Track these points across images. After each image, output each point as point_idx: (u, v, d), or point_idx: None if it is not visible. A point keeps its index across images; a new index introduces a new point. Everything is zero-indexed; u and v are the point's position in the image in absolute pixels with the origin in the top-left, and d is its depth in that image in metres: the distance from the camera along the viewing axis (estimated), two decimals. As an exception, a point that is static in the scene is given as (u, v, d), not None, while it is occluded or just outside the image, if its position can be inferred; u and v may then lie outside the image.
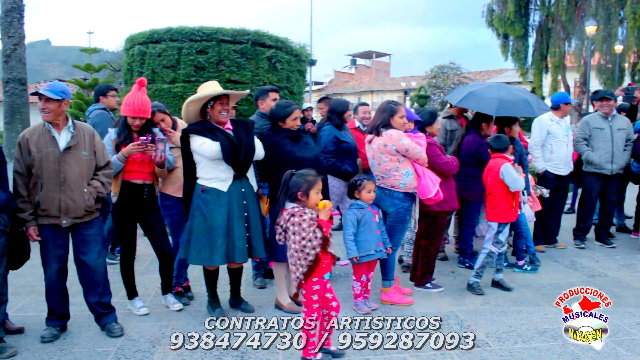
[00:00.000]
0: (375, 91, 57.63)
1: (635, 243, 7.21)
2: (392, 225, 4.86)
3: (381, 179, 4.84)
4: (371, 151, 4.86)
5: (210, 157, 4.34)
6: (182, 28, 8.91)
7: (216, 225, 4.32)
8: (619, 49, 29.36)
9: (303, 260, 3.52)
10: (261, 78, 8.74)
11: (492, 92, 5.96)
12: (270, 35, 9.09)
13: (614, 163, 6.88)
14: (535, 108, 5.99)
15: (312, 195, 3.61)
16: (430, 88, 39.98)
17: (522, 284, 5.54)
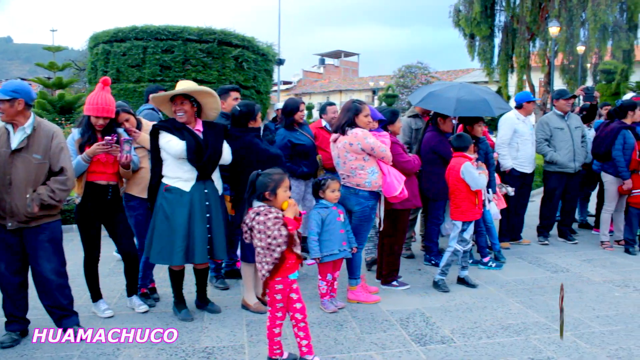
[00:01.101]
0: (343, 90, 57.79)
1: (596, 239, 7.37)
2: (357, 224, 4.89)
3: (346, 178, 4.86)
4: (336, 150, 4.88)
5: (174, 155, 4.32)
6: (147, 27, 8.81)
7: (177, 225, 4.29)
8: (581, 49, 30.04)
9: (269, 258, 3.51)
10: (228, 77, 8.70)
11: (451, 92, 6.02)
12: (237, 35, 9.05)
13: (575, 161, 7.04)
14: (494, 107, 6.05)
15: (281, 194, 3.59)
16: (398, 87, 40.30)
17: (487, 281, 5.62)
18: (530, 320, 4.51)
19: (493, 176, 6.27)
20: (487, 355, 3.82)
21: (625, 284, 5.50)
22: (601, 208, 7.28)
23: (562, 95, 7.17)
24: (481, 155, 6.10)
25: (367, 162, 4.77)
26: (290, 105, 5.99)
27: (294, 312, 3.62)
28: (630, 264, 6.26)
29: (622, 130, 6.71)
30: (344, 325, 4.40)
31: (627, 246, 6.80)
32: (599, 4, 27.57)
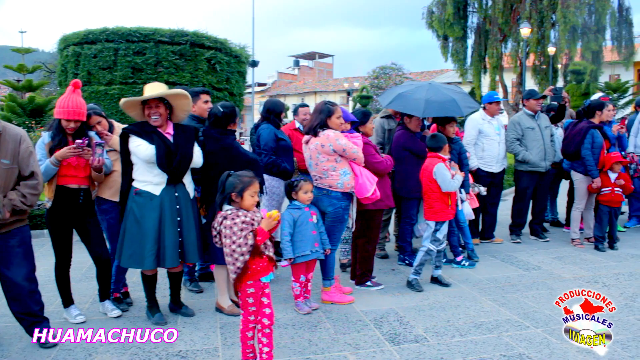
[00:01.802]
0: (318, 92, 57.86)
1: (567, 236, 7.49)
2: (330, 225, 4.90)
3: (319, 179, 4.87)
4: (308, 151, 4.88)
5: (144, 159, 4.29)
6: (118, 28, 8.71)
7: (147, 229, 4.26)
8: (552, 50, 30.50)
9: (232, 266, 3.50)
10: (200, 79, 8.63)
11: (420, 93, 6.06)
12: (210, 36, 8.99)
13: (546, 160, 7.16)
14: (463, 107, 6.12)
15: (247, 197, 3.57)
16: (373, 89, 40.47)
17: (460, 280, 5.68)
18: (502, 317, 4.56)
19: (466, 176, 6.34)
20: (460, 353, 3.86)
21: (594, 280, 5.59)
22: (571, 206, 7.40)
23: (532, 96, 7.29)
24: (454, 156, 6.17)
25: (339, 164, 4.79)
26: (279, 105, 6.01)
27: (262, 317, 3.59)
28: (599, 261, 6.38)
29: (590, 130, 6.83)
30: (318, 326, 4.41)
31: (597, 243, 6.92)
32: (569, 6, 28.05)
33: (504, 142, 7.15)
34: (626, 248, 6.97)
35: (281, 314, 4.61)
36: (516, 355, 3.82)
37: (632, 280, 5.58)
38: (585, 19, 29.72)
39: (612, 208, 6.89)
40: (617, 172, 6.83)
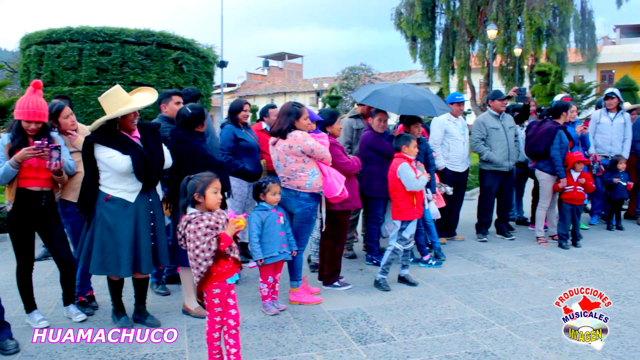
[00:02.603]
0: (288, 92, 57.79)
1: (532, 235, 7.62)
2: (298, 226, 4.90)
3: (287, 181, 4.86)
4: (276, 153, 4.88)
5: (119, 171, 4.16)
6: (82, 28, 8.57)
7: (122, 236, 4.16)
8: (518, 52, 31.02)
9: (196, 270, 3.48)
10: (167, 80, 8.53)
11: (396, 92, 6.11)
12: (176, 37, 8.90)
13: (510, 160, 7.29)
14: (437, 108, 6.22)
15: (209, 194, 3.54)
16: (342, 89, 40.60)
17: (427, 279, 5.73)
18: (468, 315, 4.62)
19: (433, 176, 6.40)
20: (426, 352, 3.89)
21: (558, 277, 5.70)
22: (536, 205, 7.53)
23: (497, 96, 7.40)
24: (421, 156, 6.22)
25: (307, 164, 4.79)
26: (233, 105, 6.00)
27: (228, 318, 3.58)
28: (563, 258, 6.50)
29: (558, 131, 6.96)
30: (285, 327, 4.41)
31: (561, 241, 7.05)
32: (534, 9, 28.55)
33: (468, 142, 7.26)
34: (589, 245, 7.11)
35: (248, 315, 4.60)
36: (481, 352, 3.87)
37: (594, 277, 5.71)
38: (550, 22, 30.31)
39: (574, 206, 7.04)
40: (579, 171, 6.97)
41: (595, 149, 8.11)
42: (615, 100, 8.25)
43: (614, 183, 7.83)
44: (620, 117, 8.21)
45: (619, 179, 7.81)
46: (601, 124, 8.24)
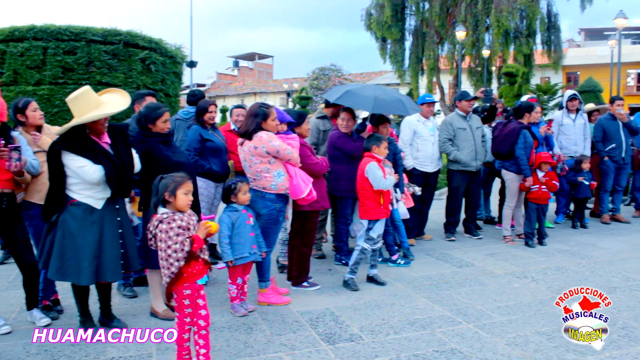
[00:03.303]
0: (258, 93, 57.63)
1: (499, 233, 7.72)
2: (265, 227, 4.88)
3: (253, 181, 4.85)
4: (243, 154, 4.86)
5: (91, 182, 4.03)
6: (47, 26, 8.40)
7: (85, 244, 4.02)
8: (486, 53, 31.47)
9: (167, 270, 3.46)
10: (135, 80, 8.43)
11: (368, 91, 6.14)
12: (144, 36, 8.79)
13: (477, 160, 7.38)
14: (409, 108, 6.30)
15: (180, 195, 3.53)
16: (312, 89, 40.63)
17: (396, 278, 5.77)
18: (436, 314, 4.66)
19: (401, 176, 6.45)
20: (394, 350, 3.92)
21: (524, 275, 5.79)
22: (503, 204, 7.64)
23: (464, 97, 7.49)
24: (389, 156, 6.25)
25: (272, 165, 4.78)
26: (200, 106, 5.94)
27: (198, 319, 3.58)
28: (529, 256, 6.61)
29: (522, 131, 7.07)
30: (254, 328, 4.39)
31: (527, 239, 7.17)
32: (501, 11, 28.99)
33: (438, 143, 7.33)
34: (554, 243, 7.24)
35: (217, 317, 4.56)
36: (448, 350, 3.91)
37: (559, 275, 5.81)
38: (517, 24, 30.79)
39: (539, 205, 7.15)
40: (544, 171, 7.09)
41: (561, 150, 8.26)
42: (578, 101, 8.43)
43: (578, 182, 7.98)
44: (580, 118, 8.38)
45: (583, 178, 7.97)
46: (564, 125, 8.40)
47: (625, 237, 7.61)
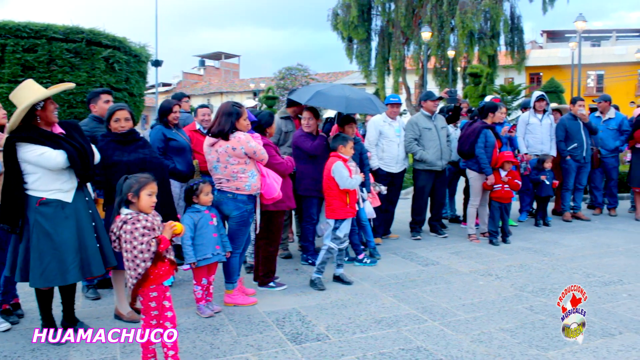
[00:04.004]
0: (224, 92, 57.27)
1: (464, 232, 7.82)
2: (236, 229, 4.85)
3: (225, 182, 4.78)
4: (215, 154, 4.77)
5: (54, 167, 3.91)
6: (5, 23, 8.18)
7: (64, 240, 3.91)
8: (451, 54, 31.89)
9: (133, 271, 3.41)
10: (98, 79, 8.27)
11: (338, 91, 6.17)
12: (107, 35, 8.62)
13: (442, 159, 7.46)
14: (379, 107, 6.40)
15: (143, 197, 3.49)
16: (279, 89, 40.53)
17: (362, 277, 5.79)
18: (402, 312, 4.69)
19: (367, 176, 6.48)
20: (360, 349, 3.93)
21: (488, 273, 5.88)
22: (468, 203, 7.74)
23: (429, 97, 7.57)
24: (356, 156, 6.28)
25: (247, 166, 4.77)
26: (163, 106, 5.88)
27: (165, 321, 3.54)
28: (493, 254, 6.71)
29: (483, 130, 7.17)
30: (220, 329, 4.36)
31: (491, 237, 7.28)
32: (466, 12, 29.41)
33: (403, 144, 7.38)
34: (517, 241, 7.36)
35: (183, 318, 4.52)
36: (414, 348, 3.94)
37: (522, 272, 5.91)
38: (482, 25, 31.28)
39: (502, 204, 7.26)
40: (507, 170, 7.21)
41: (527, 149, 8.41)
42: (545, 102, 8.61)
43: (541, 181, 8.13)
44: (547, 118, 8.56)
45: (545, 177, 8.12)
46: (531, 125, 8.55)
47: (585, 235, 7.79)
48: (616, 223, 8.61)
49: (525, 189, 8.51)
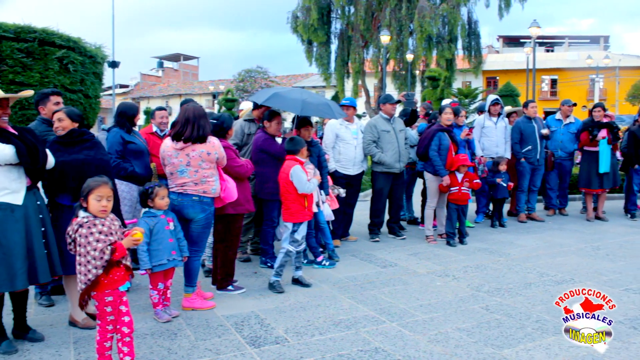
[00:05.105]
0: (183, 94, 56.69)
1: (422, 233, 7.91)
2: (200, 231, 4.81)
3: (192, 186, 4.73)
4: (186, 158, 4.70)
5: (1, 161, 3.80)
6: (-50, 20, 7.90)
7: (13, 245, 3.80)
8: (410, 57, 32.30)
9: (83, 276, 3.36)
10: (51, 80, 8.02)
11: (296, 94, 6.23)
12: (61, 34, 8.37)
13: (400, 161, 7.54)
14: (336, 112, 6.43)
15: (91, 201, 3.46)
16: (238, 92, 40.36)
17: (321, 279, 5.81)
18: (360, 314, 4.72)
19: (325, 178, 6.50)
20: (319, 351, 3.94)
21: (445, 274, 5.96)
22: (425, 205, 7.83)
23: (388, 100, 7.64)
24: (314, 159, 6.30)
25: (214, 170, 4.80)
26: (133, 108, 5.76)
27: (122, 326, 3.52)
28: (450, 255, 6.81)
29: (437, 133, 7.30)
30: (178, 333, 4.31)
31: (448, 239, 7.38)
32: (424, 17, 29.84)
33: (361, 146, 7.44)
34: (474, 242, 7.49)
35: (140, 324, 4.44)
36: (372, 349, 3.97)
37: (478, 272, 6.02)
38: (440, 29, 31.82)
39: (459, 206, 7.38)
40: (462, 173, 7.32)
41: (483, 152, 8.57)
42: (500, 106, 8.80)
43: (496, 183, 8.30)
44: (502, 121, 8.74)
45: (500, 179, 8.29)
46: (486, 128, 8.72)
47: (540, 235, 7.98)
48: (569, 223, 8.85)
49: (482, 190, 8.68)
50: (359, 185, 7.75)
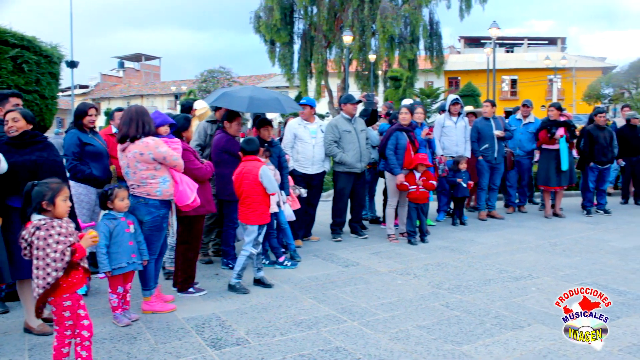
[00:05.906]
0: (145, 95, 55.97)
1: (384, 233, 7.97)
2: (148, 234, 4.73)
3: (136, 188, 4.67)
4: (125, 159, 4.66)
5: None
6: None
7: None
8: (372, 58, 32.53)
9: (41, 280, 3.28)
10: (5, 80, 7.82)
11: (245, 92, 6.23)
12: (15, 33, 8.16)
13: (362, 161, 7.59)
14: (287, 107, 6.45)
15: (59, 203, 3.39)
16: (201, 92, 39.97)
17: (283, 280, 5.80)
18: (321, 314, 4.74)
19: (286, 178, 6.50)
20: (280, 352, 3.94)
21: (407, 272, 6.02)
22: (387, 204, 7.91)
23: (349, 100, 7.69)
24: (274, 159, 6.30)
25: (158, 171, 4.65)
26: (78, 109, 5.67)
27: (81, 330, 3.45)
28: (412, 254, 6.88)
29: (394, 133, 7.39)
30: (137, 337, 4.25)
31: (409, 237, 7.46)
32: (387, 17, 30.06)
33: (320, 145, 7.46)
34: (435, 240, 7.59)
35: (98, 328, 4.36)
36: (333, 348, 3.99)
37: (439, 270, 6.10)
38: (402, 30, 32.09)
39: (419, 204, 7.45)
40: (421, 172, 7.40)
41: (443, 151, 8.68)
42: (460, 105, 8.93)
43: (457, 182, 8.41)
44: (462, 121, 8.87)
45: (461, 179, 8.41)
46: (446, 127, 8.84)
47: (499, 232, 8.13)
48: (527, 221, 9.04)
49: (442, 189, 8.80)
50: (321, 185, 7.77)
